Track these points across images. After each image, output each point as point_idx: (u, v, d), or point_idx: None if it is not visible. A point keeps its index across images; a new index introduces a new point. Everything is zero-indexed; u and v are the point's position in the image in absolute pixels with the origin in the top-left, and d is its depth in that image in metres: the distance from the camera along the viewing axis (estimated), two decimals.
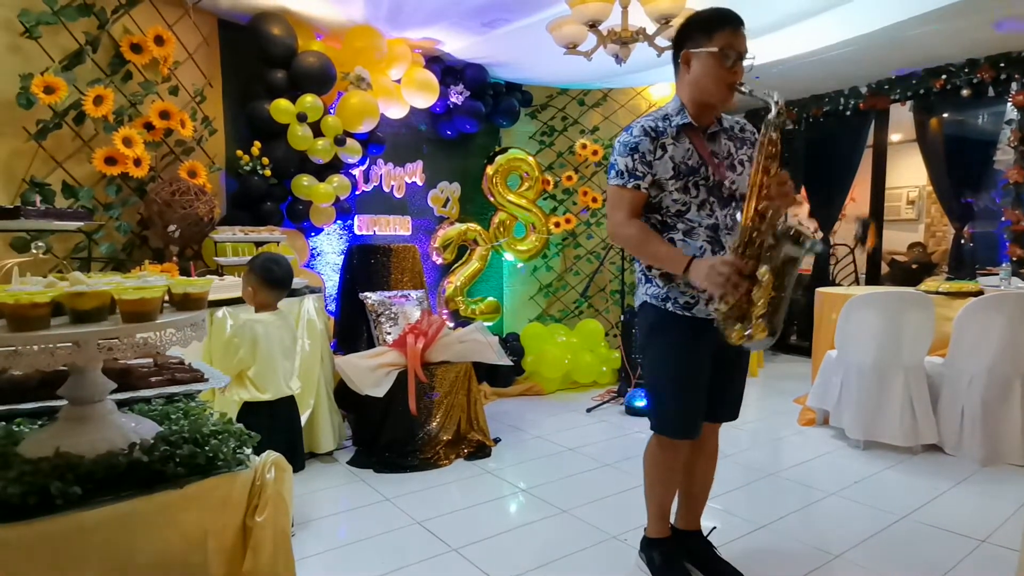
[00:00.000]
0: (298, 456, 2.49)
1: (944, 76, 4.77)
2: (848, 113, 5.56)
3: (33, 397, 1.03)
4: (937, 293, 3.52)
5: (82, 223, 2.66)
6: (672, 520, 2.26)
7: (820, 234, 1.83)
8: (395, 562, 2.27)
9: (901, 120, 5.75)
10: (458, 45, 4.15)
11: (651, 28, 2.99)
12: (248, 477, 0.91)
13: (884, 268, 6.46)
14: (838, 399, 3.62)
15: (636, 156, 1.83)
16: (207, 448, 0.87)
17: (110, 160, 2.92)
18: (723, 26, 1.77)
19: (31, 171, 2.73)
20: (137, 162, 2.99)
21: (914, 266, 6.35)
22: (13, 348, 0.75)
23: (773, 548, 2.36)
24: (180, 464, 0.82)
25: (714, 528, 2.31)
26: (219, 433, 0.91)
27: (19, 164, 2.70)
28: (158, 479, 0.81)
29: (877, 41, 4.06)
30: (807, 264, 6.67)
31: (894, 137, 6.45)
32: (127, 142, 2.94)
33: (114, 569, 0.78)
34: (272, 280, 2.31)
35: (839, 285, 6.42)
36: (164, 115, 3.12)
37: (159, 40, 3.09)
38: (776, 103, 1.67)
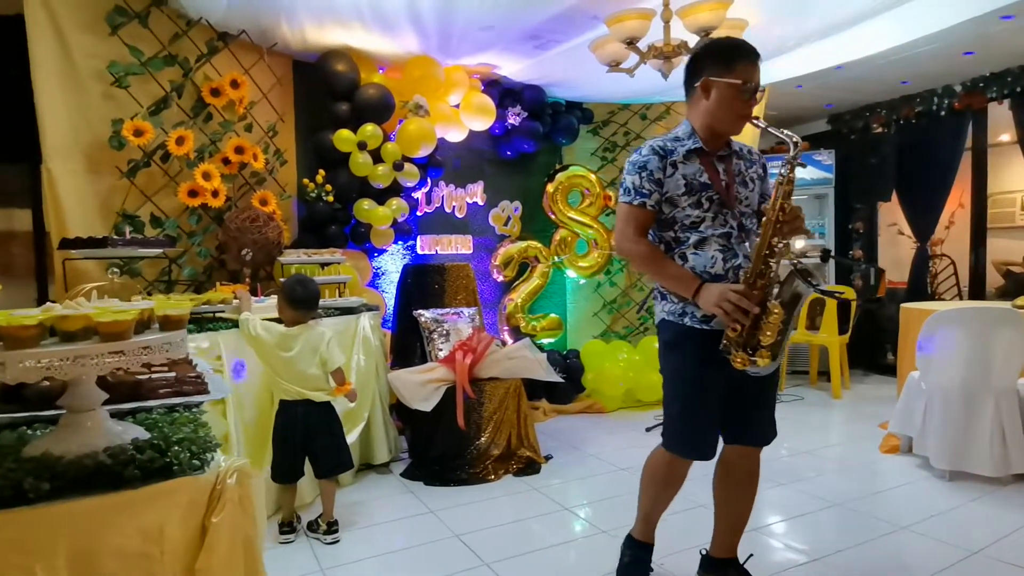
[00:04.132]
0: (325, 458, 2.63)
1: None
2: (943, 113, 5.14)
3: (53, 406, 1.19)
4: None
5: (162, 250, 2.99)
6: (707, 549, 2.19)
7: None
8: (424, 573, 2.34)
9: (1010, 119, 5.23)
10: (514, 68, 4.26)
11: (692, 41, 2.95)
12: (209, 481, 1.01)
13: (997, 280, 5.86)
14: (922, 425, 3.33)
15: (644, 174, 1.86)
16: (168, 454, 0.97)
17: (192, 193, 3.24)
18: (743, 58, 1.81)
19: (124, 205, 3.08)
20: (215, 193, 3.29)
21: None
22: (8, 364, 0.89)
23: None
24: (138, 467, 0.93)
25: (750, 556, 2.20)
26: (183, 440, 1.02)
27: (114, 199, 3.06)
28: (119, 480, 0.92)
29: (960, 37, 3.75)
30: (897, 278, 6.18)
31: (1003, 137, 5.86)
32: (206, 176, 3.25)
33: (80, 554, 0.89)
34: (294, 300, 2.50)
35: (940, 299, 5.89)
36: (239, 150, 3.43)
37: (234, 84, 3.40)
38: (796, 144, 1.77)
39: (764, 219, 1.78)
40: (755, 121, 1.86)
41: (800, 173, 5.80)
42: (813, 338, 5.24)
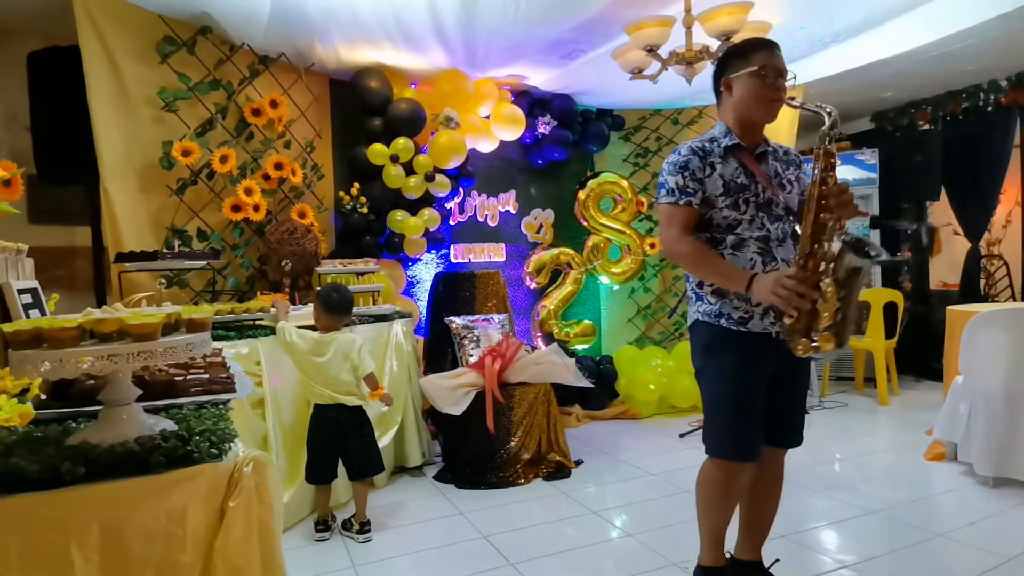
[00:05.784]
0: (357, 460, 2.73)
1: None
2: (990, 109, 4.95)
3: (95, 402, 1.31)
4: None
5: (205, 262, 3.17)
6: (731, 551, 2.18)
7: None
8: (451, 572, 2.41)
9: None
10: (542, 78, 4.34)
11: (714, 46, 2.96)
12: (227, 468, 1.11)
13: None
14: (966, 430, 3.22)
15: (686, 174, 1.86)
16: (190, 443, 1.08)
17: (235, 208, 3.42)
18: (758, 48, 1.85)
19: (174, 220, 3.29)
20: (256, 208, 3.47)
21: None
22: (50, 362, 1.01)
23: None
24: (163, 454, 1.04)
25: (776, 560, 2.19)
26: (205, 431, 1.13)
27: (165, 215, 3.27)
28: (146, 466, 1.03)
29: (996, 32, 3.64)
30: (953, 279, 5.95)
31: None
32: (248, 191, 3.44)
33: (110, 532, 1.00)
34: (329, 306, 2.62)
35: (994, 301, 5.64)
36: (278, 166, 3.61)
37: (274, 104, 3.59)
38: (829, 114, 1.72)
39: (807, 196, 1.73)
40: (790, 101, 1.84)
41: (842, 173, 5.72)
42: (858, 343, 5.09)
